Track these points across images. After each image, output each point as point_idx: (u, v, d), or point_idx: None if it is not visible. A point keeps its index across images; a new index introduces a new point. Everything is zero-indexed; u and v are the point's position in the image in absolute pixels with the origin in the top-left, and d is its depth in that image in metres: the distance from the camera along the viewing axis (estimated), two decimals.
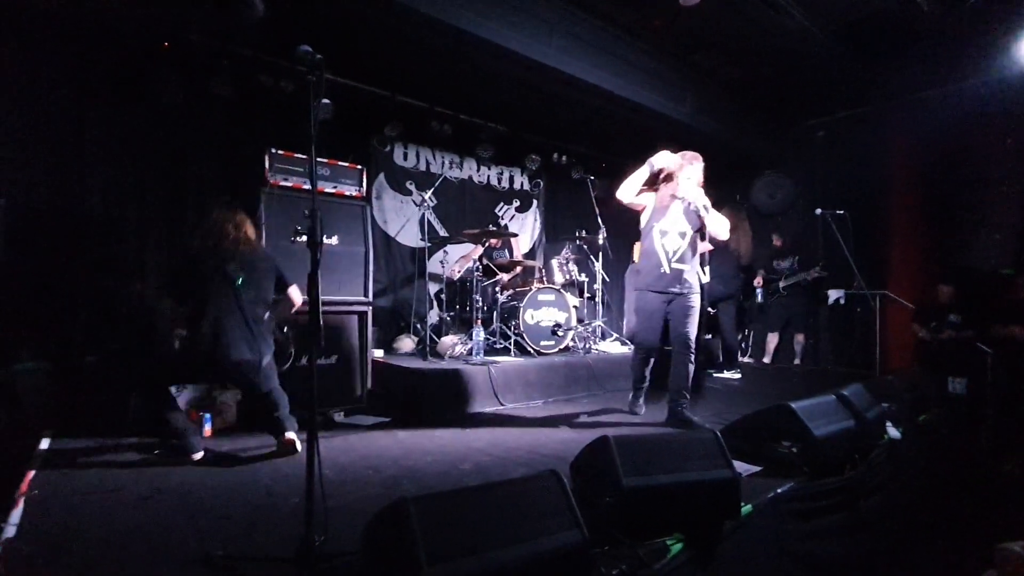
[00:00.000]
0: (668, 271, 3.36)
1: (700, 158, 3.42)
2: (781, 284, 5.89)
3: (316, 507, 1.57)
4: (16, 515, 1.96)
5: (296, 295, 3.03)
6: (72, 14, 3.64)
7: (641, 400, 3.70)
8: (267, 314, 2.89)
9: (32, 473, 2.41)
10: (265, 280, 2.88)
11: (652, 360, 3.57)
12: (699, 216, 3.35)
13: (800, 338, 6.00)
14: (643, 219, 3.50)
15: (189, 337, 2.67)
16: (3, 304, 3.37)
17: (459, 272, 5.26)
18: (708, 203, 3.33)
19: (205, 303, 2.65)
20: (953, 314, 4.91)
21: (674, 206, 3.39)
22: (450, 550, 1.26)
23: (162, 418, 2.64)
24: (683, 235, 3.39)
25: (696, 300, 3.43)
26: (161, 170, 4.22)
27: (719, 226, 3.37)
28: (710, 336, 6.12)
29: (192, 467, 2.61)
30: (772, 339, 6.11)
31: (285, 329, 3.08)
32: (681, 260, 3.38)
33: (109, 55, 3.87)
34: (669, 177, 3.42)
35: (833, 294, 5.86)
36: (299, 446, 2.77)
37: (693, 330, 3.38)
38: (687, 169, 3.38)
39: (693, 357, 3.40)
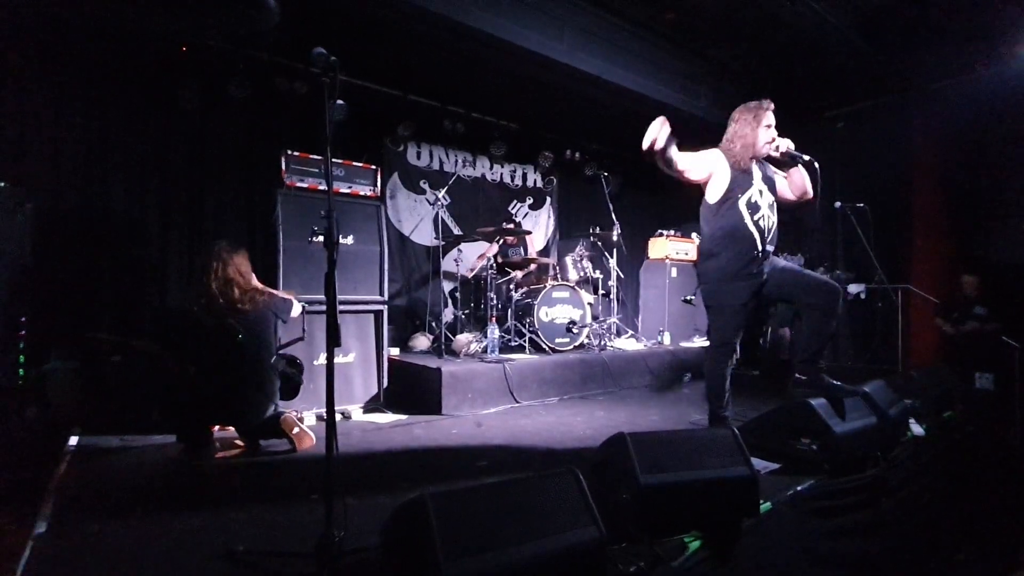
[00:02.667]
0: (761, 253, 2.66)
1: (769, 101, 2.73)
2: None
3: (335, 503, 1.59)
4: (47, 510, 2.02)
5: (296, 309, 3.06)
6: (93, 23, 3.72)
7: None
8: (273, 357, 2.95)
9: (61, 470, 2.48)
10: (265, 324, 2.91)
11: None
12: (796, 171, 2.71)
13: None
14: (715, 190, 2.70)
15: (196, 392, 2.73)
16: (32, 305, 3.46)
17: (478, 270, 5.27)
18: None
19: (211, 356, 2.73)
20: (979, 306, 4.79)
21: (756, 172, 2.70)
22: (467, 546, 1.26)
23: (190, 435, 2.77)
24: (772, 207, 2.72)
25: None
26: (181, 173, 4.30)
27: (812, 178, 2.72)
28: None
29: (214, 464, 2.66)
30: (784, 333, 5.97)
31: (298, 361, 3.12)
32: (773, 241, 2.72)
33: (129, 62, 3.96)
34: (745, 137, 2.68)
35: (854, 289, 5.73)
36: (298, 422, 2.85)
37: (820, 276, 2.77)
38: (767, 116, 2.69)
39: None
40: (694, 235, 5.87)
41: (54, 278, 3.70)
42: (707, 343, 2.95)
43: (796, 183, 2.76)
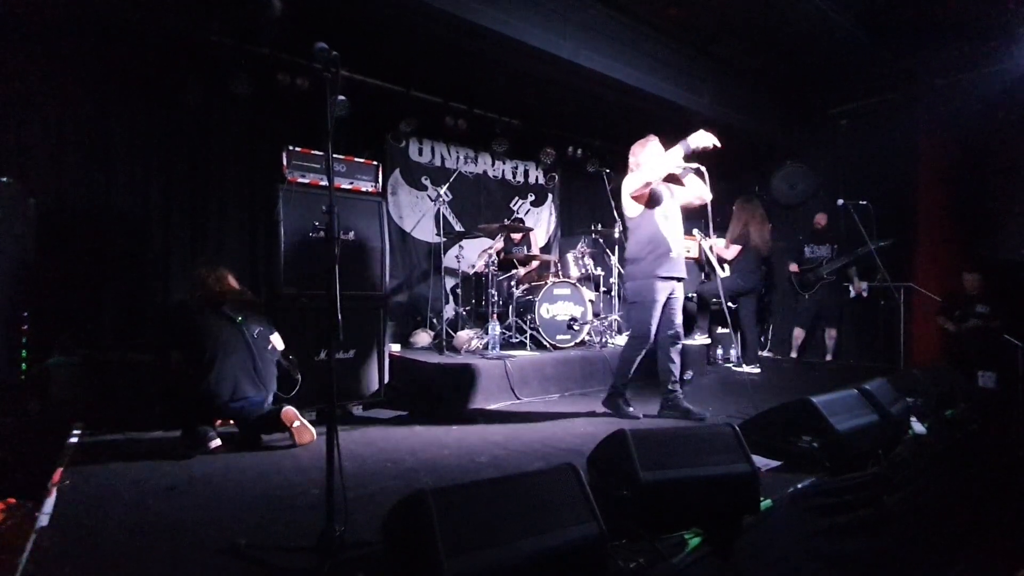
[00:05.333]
0: (676, 256, 3.28)
1: (654, 136, 3.39)
2: (824, 271, 5.55)
3: (336, 498, 1.59)
4: (49, 505, 2.03)
5: (278, 341, 3.09)
6: (96, 19, 3.71)
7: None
8: (270, 346, 3.00)
9: (63, 464, 2.48)
10: (261, 314, 3.03)
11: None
12: (689, 180, 3.30)
13: (833, 333, 5.74)
14: (635, 206, 3.31)
15: (197, 382, 2.72)
16: (35, 301, 3.47)
17: (483, 267, 5.27)
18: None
19: (210, 347, 2.74)
20: (981, 304, 4.78)
21: (663, 188, 3.33)
22: (468, 542, 1.26)
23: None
24: (677, 218, 3.37)
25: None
26: (183, 169, 4.31)
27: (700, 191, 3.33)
28: (728, 330, 6.04)
29: (215, 459, 2.67)
30: (799, 334, 5.85)
31: (291, 357, 3.16)
32: (681, 244, 3.35)
33: (132, 59, 3.96)
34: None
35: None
36: (298, 416, 2.85)
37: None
38: (654, 146, 3.33)
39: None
40: (695, 232, 5.86)
41: (57, 274, 3.71)
42: (628, 336, 3.47)
43: (692, 190, 3.36)
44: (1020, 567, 1.92)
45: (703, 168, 3.22)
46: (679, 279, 3.33)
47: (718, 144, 3.08)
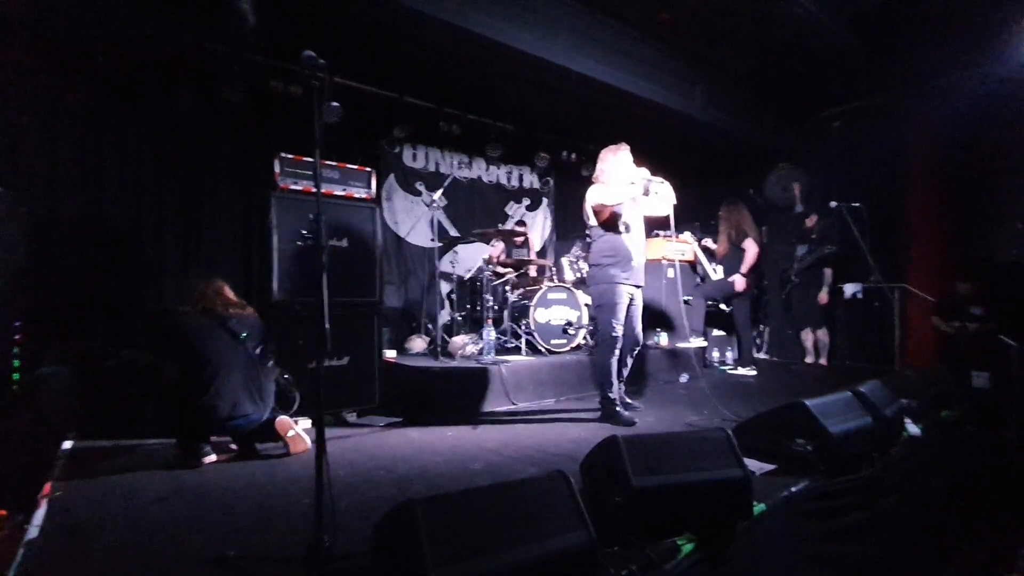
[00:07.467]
0: (636, 265, 3.39)
1: (625, 144, 3.46)
2: (791, 273, 5.65)
3: (326, 508, 1.59)
4: (39, 516, 2.01)
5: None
6: (86, 26, 3.71)
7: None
8: (270, 363, 2.99)
9: (54, 475, 2.47)
10: (261, 329, 3.00)
11: None
12: (653, 193, 3.42)
13: (823, 335, 5.69)
14: (598, 215, 3.41)
15: (196, 397, 2.67)
16: (26, 309, 3.46)
17: (474, 272, 5.26)
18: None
19: (212, 363, 2.70)
20: (976, 306, 4.78)
21: (627, 202, 3.41)
22: (456, 551, 1.26)
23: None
24: (640, 228, 3.49)
25: None
26: (176, 176, 4.30)
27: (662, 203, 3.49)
28: (724, 333, 6.04)
29: (208, 469, 2.65)
30: (807, 336, 5.77)
31: (287, 376, 3.14)
32: (642, 253, 3.47)
33: (124, 66, 3.95)
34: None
35: (850, 288, 5.72)
36: (292, 425, 2.84)
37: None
38: (624, 155, 3.41)
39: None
40: (689, 235, 5.87)
41: (49, 282, 3.69)
42: (598, 341, 3.53)
43: (655, 203, 3.48)
44: (1014, 569, 1.92)
45: (667, 183, 3.40)
46: (638, 286, 3.45)
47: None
